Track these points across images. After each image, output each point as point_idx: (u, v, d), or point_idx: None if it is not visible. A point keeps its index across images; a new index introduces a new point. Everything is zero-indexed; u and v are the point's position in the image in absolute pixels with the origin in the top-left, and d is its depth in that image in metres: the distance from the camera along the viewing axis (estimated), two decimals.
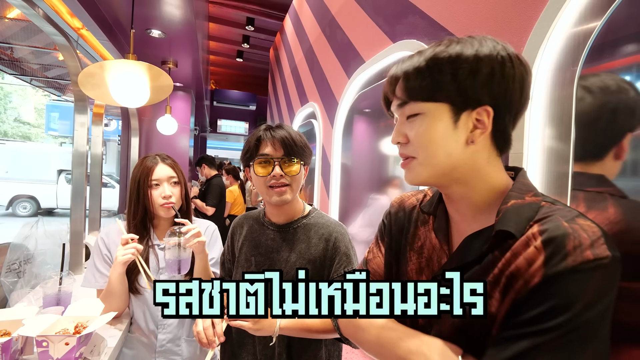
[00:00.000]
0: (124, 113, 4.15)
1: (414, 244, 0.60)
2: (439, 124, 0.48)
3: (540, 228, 0.43)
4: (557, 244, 0.40)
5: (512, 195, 0.47)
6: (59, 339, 0.89)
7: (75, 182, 1.84)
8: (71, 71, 1.72)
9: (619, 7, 0.66)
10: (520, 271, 0.42)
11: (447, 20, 1.14)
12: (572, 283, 0.38)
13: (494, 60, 0.46)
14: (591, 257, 0.38)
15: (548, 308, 0.39)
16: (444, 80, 0.46)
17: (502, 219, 0.45)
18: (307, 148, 0.91)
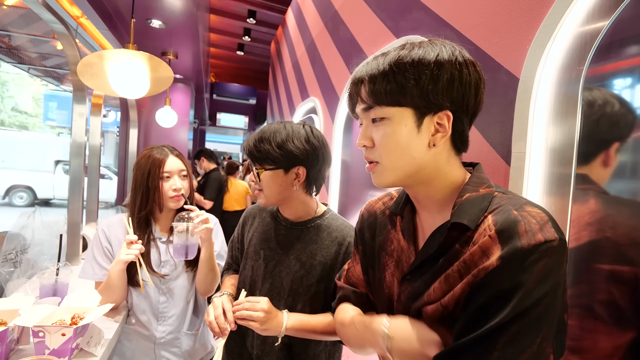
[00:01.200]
0: (123, 104, 4.12)
1: (387, 248, 0.61)
2: (404, 128, 0.50)
3: (493, 218, 0.45)
4: (510, 230, 0.43)
5: (467, 189, 0.50)
6: (56, 329, 0.89)
7: (73, 173, 1.83)
8: (70, 60, 1.70)
9: (627, 7, 0.65)
10: (476, 258, 0.45)
11: (453, 17, 1.13)
12: (525, 261, 0.41)
13: (453, 66, 0.48)
14: (542, 239, 0.41)
15: (504, 288, 0.42)
16: (408, 85, 0.48)
17: (456, 212, 0.48)
18: (280, 150, 0.82)
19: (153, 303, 1.15)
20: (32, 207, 1.55)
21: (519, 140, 0.82)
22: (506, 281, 0.41)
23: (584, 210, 0.68)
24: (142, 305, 1.15)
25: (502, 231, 0.43)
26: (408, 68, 0.48)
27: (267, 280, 0.89)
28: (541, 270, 0.41)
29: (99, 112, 2.20)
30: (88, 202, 2.16)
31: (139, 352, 1.15)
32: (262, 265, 0.91)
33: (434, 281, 0.50)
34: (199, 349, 1.23)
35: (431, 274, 0.50)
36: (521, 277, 0.41)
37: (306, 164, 0.85)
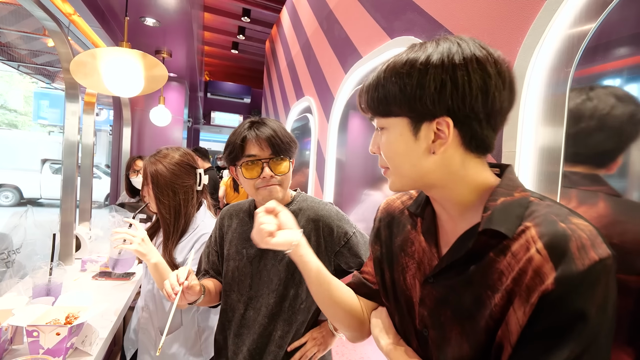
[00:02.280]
0: (116, 103, 4.08)
1: (407, 249, 0.58)
2: (400, 138, 0.48)
3: (537, 230, 0.41)
4: (561, 248, 0.39)
5: (499, 192, 0.46)
6: (50, 329, 0.88)
7: (66, 172, 1.81)
8: (62, 58, 1.68)
9: (613, 10, 0.67)
10: (529, 279, 0.40)
11: (445, 18, 1.15)
12: (584, 287, 0.37)
13: (443, 70, 0.43)
14: (597, 258, 0.37)
15: (565, 315, 0.38)
16: (394, 95, 0.46)
17: (491, 218, 0.44)
18: (293, 141, 0.89)
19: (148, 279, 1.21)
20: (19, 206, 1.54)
21: (509, 140, 0.84)
22: (565, 309, 0.38)
23: (592, 214, 0.64)
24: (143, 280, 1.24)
25: (552, 248, 0.39)
26: (392, 76, 0.46)
27: (256, 277, 0.90)
28: (601, 295, 0.37)
29: (92, 110, 2.18)
30: (81, 202, 2.14)
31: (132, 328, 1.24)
32: (248, 264, 0.91)
33: (466, 289, 0.46)
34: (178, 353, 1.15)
35: (461, 281, 0.47)
36: (582, 305, 0.37)
37: (295, 155, 0.92)
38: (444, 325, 0.49)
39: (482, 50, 0.45)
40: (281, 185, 0.86)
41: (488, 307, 0.44)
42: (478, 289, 0.45)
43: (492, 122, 0.46)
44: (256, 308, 0.89)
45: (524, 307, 0.40)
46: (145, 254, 0.99)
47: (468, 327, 0.46)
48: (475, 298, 0.45)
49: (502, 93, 0.45)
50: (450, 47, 0.44)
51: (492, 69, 0.44)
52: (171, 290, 0.76)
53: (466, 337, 0.46)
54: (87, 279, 1.57)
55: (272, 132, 0.84)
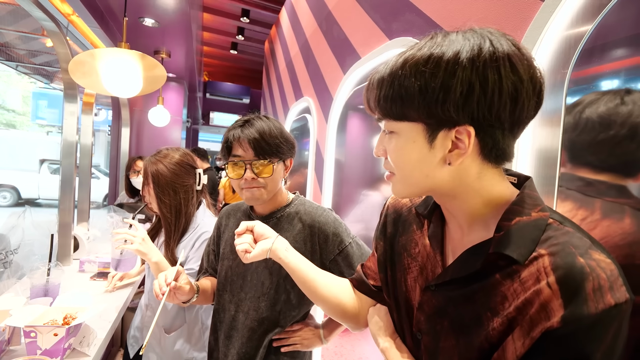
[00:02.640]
0: (115, 103, 4.07)
1: (410, 249, 0.56)
2: (413, 146, 0.43)
3: (552, 261, 0.38)
4: (575, 286, 0.36)
5: (516, 210, 0.42)
6: (48, 329, 0.88)
7: (64, 173, 1.81)
8: (61, 58, 1.68)
9: (609, 12, 0.67)
10: (534, 311, 0.38)
11: (443, 19, 1.15)
12: (593, 331, 0.35)
13: (474, 70, 0.38)
14: (612, 302, 0.34)
15: (566, 357, 0.36)
16: (412, 97, 0.40)
17: (502, 239, 0.41)
18: (285, 142, 0.86)
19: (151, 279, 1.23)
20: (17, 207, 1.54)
21: None
22: (569, 351, 0.35)
23: (616, 229, 0.59)
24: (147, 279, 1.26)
25: (565, 284, 0.36)
26: (414, 75, 0.40)
27: (248, 277, 0.90)
28: (610, 340, 0.35)
29: (91, 110, 2.18)
30: (79, 202, 2.14)
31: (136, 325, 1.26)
32: (241, 264, 0.91)
33: (467, 305, 0.44)
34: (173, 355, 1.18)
35: (462, 295, 0.45)
36: (588, 350, 0.35)
37: (293, 155, 0.91)
38: (439, 334, 0.48)
39: (515, 49, 0.39)
40: (265, 187, 0.84)
41: (485, 329, 0.42)
42: (479, 308, 0.43)
43: (515, 130, 0.42)
44: (244, 311, 0.89)
45: (524, 339, 0.38)
46: (146, 253, 1.01)
47: (462, 342, 0.45)
48: (474, 316, 0.43)
49: (532, 101, 0.40)
50: (481, 44, 0.39)
51: (525, 73, 0.39)
52: (159, 291, 0.78)
53: (458, 352, 0.45)
54: (85, 279, 1.57)
55: (257, 133, 0.82)
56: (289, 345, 0.89)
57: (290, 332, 0.88)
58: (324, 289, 0.66)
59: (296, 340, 0.88)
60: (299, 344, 0.89)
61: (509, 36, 0.41)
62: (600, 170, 0.66)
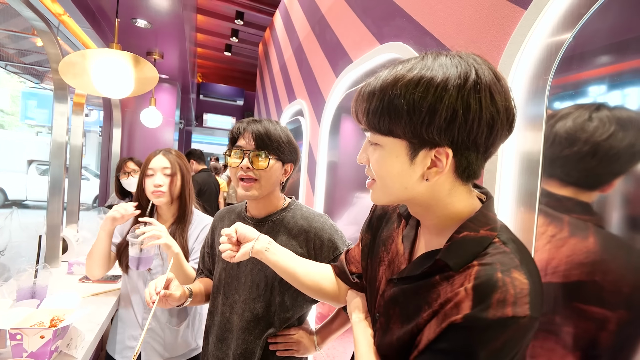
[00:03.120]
0: (106, 103, 4.03)
1: (387, 244, 0.63)
2: (396, 160, 0.47)
3: (477, 270, 0.43)
4: (484, 293, 0.41)
5: (467, 226, 0.47)
6: (34, 332, 0.87)
7: (53, 174, 1.79)
8: (51, 58, 1.66)
9: (587, 22, 0.70)
10: (449, 307, 0.44)
11: (432, 25, 1.18)
12: (486, 333, 0.40)
13: (458, 100, 0.41)
14: (510, 314, 0.39)
15: (460, 346, 0.42)
16: (401, 117, 0.43)
17: (448, 249, 0.46)
18: (287, 145, 0.89)
19: (140, 290, 1.23)
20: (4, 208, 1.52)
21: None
22: (464, 342, 0.41)
23: (581, 248, 0.62)
24: (131, 291, 1.25)
25: (477, 291, 0.42)
26: (403, 94, 0.43)
27: (242, 280, 0.90)
28: (500, 344, 0.40)
29: (81, 111, 2.16)
30: (69, 204, 2.11)
31: (128, 336, 1.24)
32: (235, 266, 0.92)
33: (412, 298, 0.51)
34: (181, 345, 1.26)
35: (411, 289, 0.52)
36: (478, 344, 0.40)
37: (294, 162, 0.93)
38: (391, 317, 0.55)
39: (496, 81, 0.43)
40: (259, 182, 0.86)
41: (419, 318, 0.49)
42: (419, 301, 0.50)
43: (487, 153, 0.46)
44: (239, 313, 0.89)
45: (436, 327, 0.45)
46: (171, 245, 1.07)
47: (403, 327, 0.52)
48: (415, 307, 0.50)
49: (504, 129, 0.44)
50: (467, 73, 0.42)
51: (502, 105, 0.43)
52: (149, 299, 0.81)
53: (397, 332, 0.53)
54: (74, 281, 1.55)
55: (262, 129, 0.86)
56: (285, 350, 0.89)
57: (286, 336, 0.89)
58: (304, 277, 0.75)
59: (292, 344, 0.89)
60: (294, 348, 0.89)
61: (491, 65, 0.45)
62: (565, 184, 0.69)
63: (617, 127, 0.61)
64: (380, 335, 0.58)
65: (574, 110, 0.70)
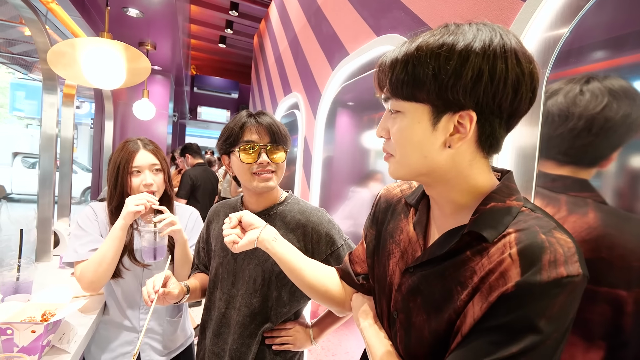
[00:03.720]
0: (98, 95, 3.96)
1: (395, 236, 0.60)
2: (417, 126, 0.45)
3: (517, 236, 0.42)
4: (533, 256, 0.39)
5: (493, 197, 0.46)
6: (25, 326, 0.86)
7: (43, 166, 1.75)
8: (39, 48, 1.62)
9: (584, 17, 0.69)
10: (494, 279, 0.41)
11: (430, 17, 1.16)
12: (542, 297, 0.38)
13: (484, 58, 0.41)
14: (564, 273, 0.38)
15: (515, 318, 0.39)
16: (425, 79, 0.43)
17: (477, 220, 0.45)
18: (288, 136, 0.92)
19: (134, 293, 1.15)
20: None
21: None
22: (519, 312, 0.39)
23: (582, 224, 0.60)
24: (122, 296, 1.15)
25: (524, 255, 0.40)
26: (428, 58, 0.42)
27: (239, 274, 0.90)
28: (558, 307, 0.38)
29: (72, 102, 2.12)
30: (60, 197, 2.08)
31: (121, 342, 1.14)
32: (232, 261, 0.91)
33: (439, 281, 0.48)
34: (180, 335, 1.25)
35: (435, 273, 0.49)
36: (535, 312, 0.38)
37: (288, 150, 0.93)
38: (411, 310, 0.51)
39: (521, 46, 0.43)
40: (276, 173, 0.87)
41: (454, 302, 0.45)
42: (449, 283, 0.46)
43: (510, 122, 0.46)
44: (236, 308, 0.88)
45: (482, 304, 0.42)
46: (182, 230, 1.06)
47: (432, 316, 0.48)
48: (445, 291, 0.47)
49: (529, 94, 0.44)
50: (492, 36, 0.42)
51: (527, 68, 0.42)
52: (147, 297, 0.79)
53: (428, 325, 0.48)
54: (66, 275, 1.53)
55: (271, 120, 0.87)
56: (281, 345, 0.89)
57: (282, 330, 0.89)
58: (311, 277, 0.70)
59: (289, 339, 0.89)
60: (291, 343, 0.89)
61: (515, 34, 0.45)
62: (562, 164, 0.67)
63: (610, 97, 0.59)
64: (404, 334, 0.53)
65: (564, 85, 0.67)
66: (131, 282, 1.14)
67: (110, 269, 1.05)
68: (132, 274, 1.13)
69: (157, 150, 1.17)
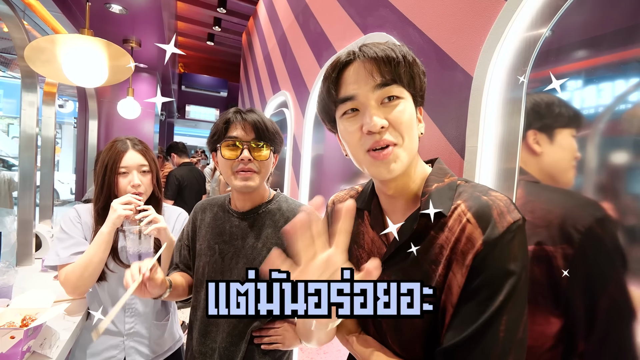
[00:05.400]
0: (81, 94, 3.85)
1: (359, 241, 0.62)
2: (413, 111, 0.53)
3: (467, 204, 0.49)
4: (485, 215, 0.46)
5: (432, 179, 0.54)
6: (3, 332, 0.84)
7: (22, 167, 1.70)
8: (17, 44, 1.57)
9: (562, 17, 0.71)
10: (462, 244, 0.47)
11: (415, 15, 1.17)
12: (505, 247, 0.44)
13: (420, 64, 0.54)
14: (511, 220, 0.45)
15: (492, 271, 0.44)
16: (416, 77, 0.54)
17: (428, 201, 0.51)
18: (279, 135, 0.89)
19: (119, 296, 1.12)
20: None
21: (471, 136, 0.87)
22: (493, 265, 0.44)
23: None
24: (107, 299, 1.12)
25: (479, 216, 0.47)
26: (416, 63, 0.53)
27: (227, 274, 0.88)
28: (517, 248, 0.45)
29: (53, 101, 2.06)
30: (42, 199, 2.02)
31: (107, 347, 1.11)
32: (220, 260, 0.89)
33: (414, 268, 0.51)
34: (167, 339, 1.22)
35: (409, 262, 0.52)
36: (504, 259, 0.44)
37: (279, 152, 0.92)
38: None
39: None
40: (259, 173, 0.85)
41: (434, 280, 0.49)
42: (424, 265, 0.50)
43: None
44: None
45: (461, 270, 0.47)
46: (166, 228, 1.03)
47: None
48: (422, 274, 0.50)
49: None
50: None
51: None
52: (130, 279, 0.75)
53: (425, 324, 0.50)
54: (49, 279, 1.49)
55: (258, 117, 0.84)
56: (269, 344, 0.88)
57: (270, 329, 0.88)
58: None
59: (277, 338, 0.88)
60: (279, 342, 0.88)
61: None
62: None
63: None
64: (394, 334, 0.54)
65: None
66: (115, 285, 1.12)
67: (95, 274, 1.03)
68: (117, 276, 1.11)
69: (147, 150, 1.14)
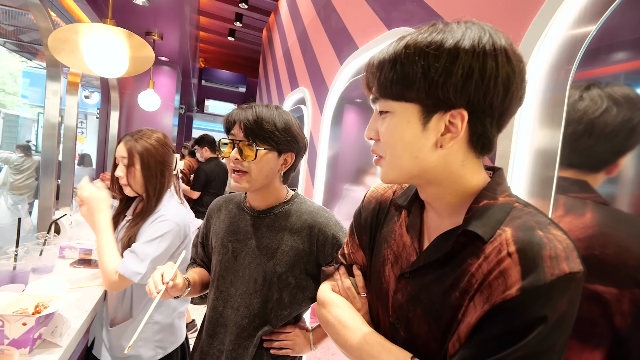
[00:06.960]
0: (104, 85, 3.95)
1: (390, 240, 0.57)
2: (407, 126, 0.44)
3: (514, 234, 0.40)
4: (533, 254, 0.38)
5: (484, 195, 0.46)
6: (16, 318, 0.84)
7: (45, 155, 1.74)
8: (42, 34, 1.60)
9: (612, 14, 0.64)
10: (493, 280, 0.40)
11: (445, 10, 1.11)
12: (551, 298, 0.37)
13: (474, 57, 0.40)
14: (567, 270, 0.37)
15: (523, 323, 0.37)
16: (415, 77, 0.42)
17: (471, 219, 0.44)
18: (284, 133, 0.81)
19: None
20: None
21: (504, 139, 0.81)
22: (526, 315, 0.37)
23: (577, 224, 0.62)
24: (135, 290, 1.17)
25: (524, 253, 0.38)
26: (417, 56, 0.41)
27: (239, 274, 0.86)
28: (565, 306, 0.37)
29: (76, 90, 2.10)
30: (62, 186, 2.07)
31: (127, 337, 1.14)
32: (232, 259, 0.87)
33: (438, 289, 0.46)
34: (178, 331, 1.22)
35: (434, 280, 0.47)
36: (543, 312, 0.37)
37: (296, 152, 0.85)
38: (411, 321, 0.49)
39: (510, 45, 0.42)
40: (250, 174, 0.80)
41: (456, 310, 0.44)
42: (449, 290, 0.45)
43: (501, 122, 0.45)
44: (234, 308, 0.85)
45: (483, 304, 0.40)
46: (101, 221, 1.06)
47: (434, 327, 0.46)
48: (444, 300, 0.45)
49: (519, 92, 0.43)
50: (481, 35, 0.41)
51: (517, 67, 0.42)
52: (154, 288, 0.72)
53: (433, 336, 0.47)
54: (65, 266, 1.51)
55: (252, 116, 0.79)
56: (280, 349, 0.85)
57: (281, 333, 0.85)
58: None
59: (288, 344, 0.85)
60: (290, 348, 0.85)
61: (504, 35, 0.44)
62: (564, 167, 0.68)
63: (609, 103, 0.60)
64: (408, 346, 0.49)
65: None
66: None
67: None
68: None
69: (136, 143, 1.10)
